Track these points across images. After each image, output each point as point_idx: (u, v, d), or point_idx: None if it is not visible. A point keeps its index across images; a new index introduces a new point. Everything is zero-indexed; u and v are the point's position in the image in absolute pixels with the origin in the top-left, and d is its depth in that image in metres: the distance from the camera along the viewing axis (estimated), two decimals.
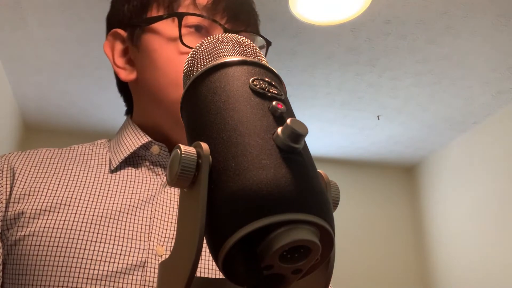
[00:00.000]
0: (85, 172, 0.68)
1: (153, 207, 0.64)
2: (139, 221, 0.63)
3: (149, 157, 0.70)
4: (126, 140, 0.71)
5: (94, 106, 2.96)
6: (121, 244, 0.60)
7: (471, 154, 3.18)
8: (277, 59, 2.47)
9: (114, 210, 0.62)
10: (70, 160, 0.70)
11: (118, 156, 0.69)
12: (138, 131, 0.71)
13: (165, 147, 0.69)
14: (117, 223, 0.61)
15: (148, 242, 0.61)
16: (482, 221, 3.02)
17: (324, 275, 0.37)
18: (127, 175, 0.68)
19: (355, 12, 2.09)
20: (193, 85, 0.38)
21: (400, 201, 3.80)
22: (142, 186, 0.67)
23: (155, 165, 0.70)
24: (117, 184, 0.67)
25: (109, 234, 0.60)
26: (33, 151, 0.72)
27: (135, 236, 0.61)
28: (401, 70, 2.56)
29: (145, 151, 0.70)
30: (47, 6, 2.09)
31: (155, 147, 0.69)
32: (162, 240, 0.62)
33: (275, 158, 0.31)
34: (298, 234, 0.30)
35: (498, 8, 2.07)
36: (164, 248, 0.61)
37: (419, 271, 3.61)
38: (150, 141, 0.69)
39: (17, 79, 2.73)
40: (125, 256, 0.59)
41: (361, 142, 3.44)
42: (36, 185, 0.65)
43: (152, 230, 0.62)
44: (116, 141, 0.73)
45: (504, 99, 2.79)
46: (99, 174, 0.68)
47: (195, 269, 0.30)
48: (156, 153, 0.69)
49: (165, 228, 0.63)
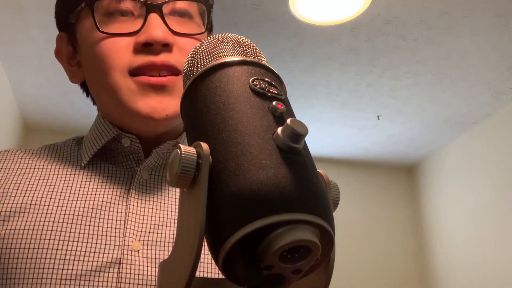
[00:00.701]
0: (55, 170, 0.66)
1: (127, 201, 0.63)
2: (113, 216, 0.61)
3: (121, 150, 0.68)
4: (96, 135, 0.69)
5: (94, 106, 2.95)
6: (95, 241, 0.58)
7: (471, 154, 3.18)
8: (277, 59, 2.47)
9: (86, 207, 0.61)
10: (40, 160, 0.69)
11: (89, 151, 0.68)
12: (106, 124, 0.69)
13: (135, 139, 0.67)
14: (90, 220, 0.60)
15: (123, 238, 0.60)
16: (482, 221, 3.02)
17: (324, 275, 0.37)
18: (99, 170, 0.67)
19: (355, 12, 2.09)
20: (193, 85, 0.38)
21: (400, 201, 3.80)
22: (115, 180, 0.66)
23: (128, 158, 0.68)
24: (89, 180, 0.65)
25: (82, 232, 0.59)
26: (4, 152, 0.70)
27: (109, 233, 0.60)
28: (401, 70, 2.55)
29: (116, 144, 0.68)
30: (47, 6, 2.09)
31: (125, 139, 0.67)
32: (138, 235, 0.60)
33: (275, 158, 0.31)
34: (298, 234, 0.30)
35: (498, 8, 2.07)
36: (140, 243, 0.60)
37: (419, 271, 3.61)
38: (119, 134, 0.67)
39: (17, 79, 2.73)
40: (99, 253, 0.58)
41: (361, 142, 3.44)
42: (5, 186, 0.63)
43: (127, 226, 0.61)
44: (87, 137, 0.72)
45: (504, 99, 2.79)
46: (70, 171, 0.66)
47: (195, 269, 0.30)
48: (127, 145, 0.67)
49: (141, 222, 0.62)
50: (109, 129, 0.68)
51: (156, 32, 0.62)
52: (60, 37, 0.73)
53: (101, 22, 0.64)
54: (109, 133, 0.68)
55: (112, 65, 0.63)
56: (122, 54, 0.63)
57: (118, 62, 0.63)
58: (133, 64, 0.63)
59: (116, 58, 0.63)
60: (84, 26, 0.67)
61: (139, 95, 0.63)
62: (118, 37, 0.64)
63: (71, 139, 0.75)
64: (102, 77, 0.64)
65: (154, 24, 0.63)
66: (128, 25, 0.64)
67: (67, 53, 0.72)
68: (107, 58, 0.63)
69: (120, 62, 0.63)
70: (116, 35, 0.64)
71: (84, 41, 0.67)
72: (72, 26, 0.69)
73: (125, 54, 0.63)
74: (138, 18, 0.65)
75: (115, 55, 0.63)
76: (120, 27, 0.64)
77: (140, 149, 0.67)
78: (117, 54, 0.63)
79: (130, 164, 0.68)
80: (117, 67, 0.63)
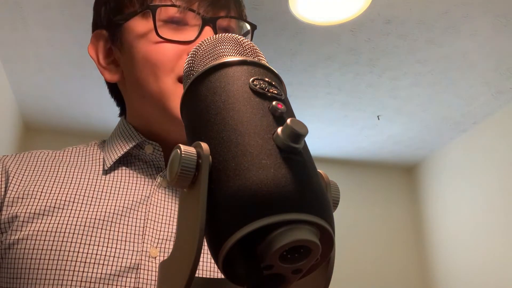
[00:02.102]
0: (79, 174, 0.67)
1: (147, 208, 0.64)
2: (133, 222, 0.62)
3: (142, 157, 0.70)
4: (120, 140, 0.70)
5: (94, 106, 2.96)
6: (115, 246, 0.59)
7: (471, 154, 3.18)
8: (277, 59, 2.47)
9: (108, 212, 0.62)
10: (64, 163, 0.70)
11: (112, 156, 0.69)
12: (131, 131, 0.70)
13: (158, 147, 0.69)
14: (111, 225, 0.61)
15: (141, 244, 0.61)
16: (482, 221, 3.02)
17: (324, 275, 0.37)
18: (121, 176, 0.68)
19: (355, 12, 2.09)
20: (193, 85, 0.38)
21: (400, 201, 3.80)
22: (136, 187, 0.67)
23: (148, 165, 0.69)
24: (111, 185, 0.66)
25: (103, 236, 0.60)
26: (28, 153, 0.71)
27: (129, 238, 0.61)
28: (401, 70, 2.55)
29: (138, 151, 0.69)
30: (47, 6, 2.09)
31: (148, 147, 0.69)
32: (156, 241, 0.61)
33: (275, 158, 0.31)
34: (298, 234, 0.30)
35: (498, 8, 2.07)
36: (158, 250, 0.61)
37: (419, 271, 3.61)
38: (143, 141, 0.69)
39: (17, 79, 2.73)
40: (119, 258, 0.59)
41: (361, 142, 3.43)
42: (30, 188, 0.64)
43: (146, 232, 0.62)
44: (110, 142, 0.73)
45: (504, 99, 2.79)
46: (92, 176, 0.67)
47: (195, 269, 0.30)
48: (150, 153, 0.69)
49: (158, 229, 0.63)
50: (134, 136, 0.69)
51: None
52: (99, 34, 0.73)
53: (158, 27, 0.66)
54: (133, 139, 0.69)
55: (164, 70, 0.65)
56: (174, 61, 0.65)
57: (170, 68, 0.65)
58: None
59: (169, 64, 0.65)
60: (136, 28, 0.68)
61: None
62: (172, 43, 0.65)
63: (93, 143, 0.76)
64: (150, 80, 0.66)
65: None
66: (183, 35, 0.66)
67: (104, 50, 0.73)
68: (160, 63, 0.65)
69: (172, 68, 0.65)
70: (172, 42, 0.65)
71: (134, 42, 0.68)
72: (117, 25, 0.70)
73: (178, 61, 0.65)
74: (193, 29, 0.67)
75: (168, 61, 0.65)
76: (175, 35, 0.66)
77: (162, 157, 0.69)
78: (170, 60, 0.65)
79: (150, 171, 0.69)
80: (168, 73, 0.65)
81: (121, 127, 0.73)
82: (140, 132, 0.70)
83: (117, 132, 0.73)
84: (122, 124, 0.73)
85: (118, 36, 0.70)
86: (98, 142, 0.76)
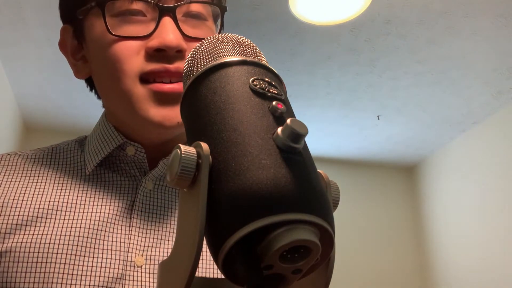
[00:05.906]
0: (60, 179, 0.65)
1: (131, 214, 0.62)
2: (118, 230, 0.61)
3: (123, 158, 0.66)
4: (101, 141, 0.67)
5: (94, 106, 2.95)
6: (101, 256, 0.58)
7: (471, 154, 3.18)
8: (277, 59, 2.47)
9: (93, 220, 0.60)
10: (42, 166, 0.67)
11: (93, 160, 0.66)
12: (111, 130, 0.66)
13: (141, 148, 0.65)
14: (96, 233, 0.59)
15: (126, 253, 0.59)
16: (482, 221, 3.02)
17: (324, 275, 0.37)
18: (104, 181, 0.65)
19: (355, 12, 2.09)
20: (193, 85, 0.38)
21: (400, 201, 3.80)
22: (120, 191, 0.64)
23: (131, 166, 0.66)
24: (94, 190, 0.64)
25: (89, 246, 0.58)
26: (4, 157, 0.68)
27: (114, 247, 0.59)
28: (401, 70, 2.56)
29: (120, 152, 0.66)
30: (47, 6, 2.09)
31: (130, 148, 0.65)
32: (141, 250, 0.60)
33: (275, 158, 0.31)
34: (298, 234, 0.30)
35: (498, 8, 2.07)
36: (143, 258, 0.59)
37: (419, 271, 3.61)
38: (125, 142, 0.65)
39: (17, 79, 2.73)
40: (106, 268, 0.57)
41: (361, 142, 3.44)
42: (9, 196, 0.61)
43: (130, 240, 0.60)
44: (91, 142, 0.69)
45: (504, 99, 2.79)
46: (74, 181, 0.65)
47: (195, 269, 0.30)
48: (132, 154, 0.66)
49: (144, 236, 0.61)
50: (114, 137, 0.66)
51: (169, 38, 0.60)
52: (65, 29, 0.69)
53: (112, 24, 0.61)
54: (114, 141, 0.66)
55: (123, 70, 0.61)
56: (133, 59, 0.61)
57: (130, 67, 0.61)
58: (145, 69, 0.61)
59: (127, 63, 0.61)
60: (93, 25, 0.64)
61: (150, 103, 0.61)
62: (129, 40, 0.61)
63: (73, 141, 0.72)
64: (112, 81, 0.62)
65: (167, 29, 0.60)
66: (139, 28, 0.62)
67: (72, 47, 0.69)
68: (118, 63, 0.61)
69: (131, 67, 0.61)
70: (127, 38, 0.61)
71: (93, 40, 0.64)
72: (78, 21, 0.66)
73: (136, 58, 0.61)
74: (150, 21, 0.62)
75: (126, 59, 0.61)
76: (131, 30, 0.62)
77: (145, 159, 0.66)
78: (128, 59, 0.61)
79: (133, 172, 0.67)
80: (128, 73, 0.61)
81: (102, 126, 0.69)
82: (120, 132, 0.66)
83: (98, 132, 0.69)
84: (102, 122, 0.69)
85: (82, 31, 0.66)
86: (77, 139, 0.73)
